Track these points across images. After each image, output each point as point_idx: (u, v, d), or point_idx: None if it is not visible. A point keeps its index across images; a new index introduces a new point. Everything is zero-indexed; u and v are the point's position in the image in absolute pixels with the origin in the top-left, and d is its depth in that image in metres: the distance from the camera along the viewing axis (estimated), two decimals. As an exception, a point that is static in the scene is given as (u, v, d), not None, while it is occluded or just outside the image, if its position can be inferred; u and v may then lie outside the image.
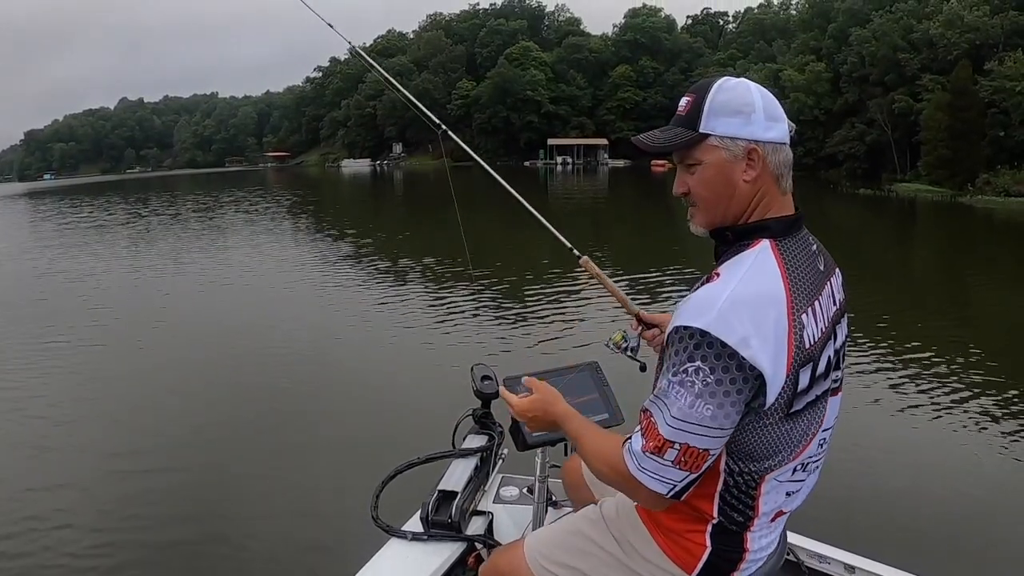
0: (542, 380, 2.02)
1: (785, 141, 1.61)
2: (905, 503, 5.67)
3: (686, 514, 1.69)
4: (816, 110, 58.62)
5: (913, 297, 14.47)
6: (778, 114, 1.60)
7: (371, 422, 7.44)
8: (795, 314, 1.50)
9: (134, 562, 5.09)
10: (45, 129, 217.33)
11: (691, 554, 1.70)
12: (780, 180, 1.62)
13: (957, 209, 35.50)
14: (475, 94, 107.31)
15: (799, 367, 1.51)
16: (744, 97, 1.59)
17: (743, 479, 1.62)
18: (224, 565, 5.07)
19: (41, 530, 5.48)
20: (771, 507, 1.68)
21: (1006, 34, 46.36)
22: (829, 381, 1.64)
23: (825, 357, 1.59)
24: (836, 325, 1.66)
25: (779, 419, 1.54)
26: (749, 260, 1.55)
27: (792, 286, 1.53)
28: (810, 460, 1.68)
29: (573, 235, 2.73)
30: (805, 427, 1.60)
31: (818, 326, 1.56)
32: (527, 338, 10.67)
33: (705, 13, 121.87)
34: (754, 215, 1.63)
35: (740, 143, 1.58)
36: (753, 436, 1.56)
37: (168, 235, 27.07)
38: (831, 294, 1.66)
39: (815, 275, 1.61)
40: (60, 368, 9.70)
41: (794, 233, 1.63)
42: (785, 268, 1.54)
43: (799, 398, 1.54)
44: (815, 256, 1.65)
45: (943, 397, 7.95)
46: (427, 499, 2.58)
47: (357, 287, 15.29)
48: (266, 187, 64.40)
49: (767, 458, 1.59)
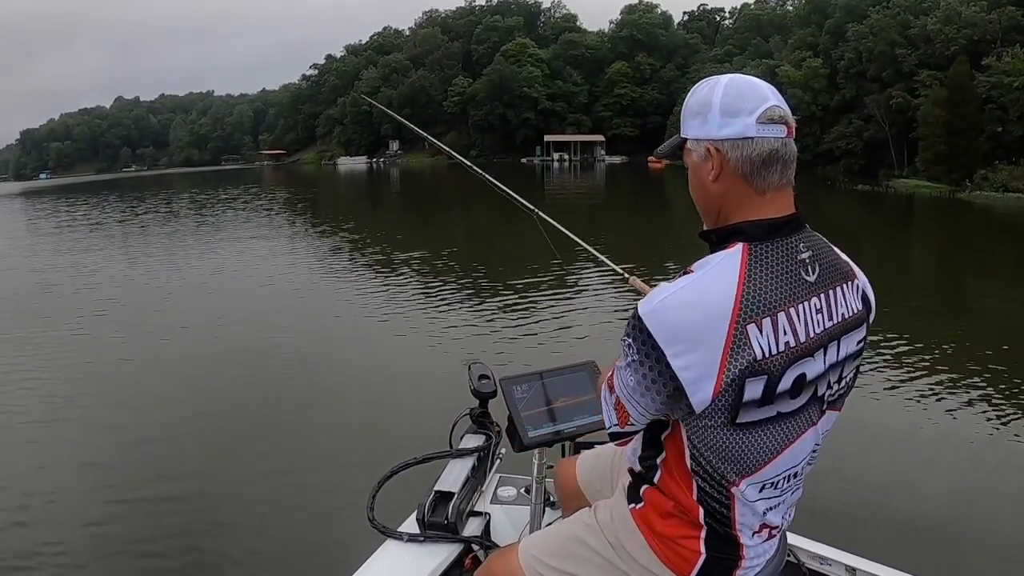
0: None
1: (747, 135, 1.52)
2: (906, 504, 5.65)
3: (680, 520, 1.67)
4: (813, 106, 58.56)
5: (914, 295, 14.48)
6: (738, 107, 1.53)
7: (368, 421, 7.43)
8: (740, 323, 1.44)
9: (131, 563, 5.06)
10: (41, 128, 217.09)
11: (686, 560, 1.68)
12: (750, 178, 1.54)
13: (956, 205, 35.52)
14: (471, 91, 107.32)
15: (745, 377, 1.45)
16: (703, 98, 1.57)
17: (711, 482, 1.60)
18: (220, 566, 5.05)
19: (31, 538, 5.46)
20: (750, 520, 1.65)
21: (1004, 30, 46.38)
22: (804, 401, 1.56)
23: (793, 376, 1.51)
24: (831, 343, 1.58)
25: (722, 425, 1.50)
26: (713, 263, 1.52)
27: (746, 294, 1.46)
28: (781, 478, 1.63)
29: (571, 230, 2.69)
30: (766, 443, 1.55)
31: (778, 340, 1.48)
32: (525, 336, 10.66)
33: (701, 9, 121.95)
34: (725, 216, 1.60)
35: (702, 143, 1.57)
36: (703, 433, 1.54)
37: (163, 233, 27.05)
38: (824, 308, 1.56)
39: (793, 285, 1.52)
40: (54, 368, 9.68)
41: (777, 238, 1.54)
42: (746, 275, 1.48)
43: (747, 409, 1.49)
44: (803, 265, 1.55)
45: (944, 396, 7.95)
46: (423, 500, 2.55)
47: (353, 285, 15.29)
48: (262, 185, 64.42)
49: (723, 463, 1.56)
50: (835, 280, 1.61)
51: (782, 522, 1.74)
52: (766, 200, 1.55)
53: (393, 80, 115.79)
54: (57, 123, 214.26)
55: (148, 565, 5.06)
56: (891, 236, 25.96)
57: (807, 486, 1.76)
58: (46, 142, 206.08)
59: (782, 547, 1.85)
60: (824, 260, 1.60)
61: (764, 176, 1.53)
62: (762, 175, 1.53)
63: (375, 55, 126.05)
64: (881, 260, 18.89)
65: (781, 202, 1.57)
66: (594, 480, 2.29)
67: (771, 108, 1.52)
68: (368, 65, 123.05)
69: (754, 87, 1.55)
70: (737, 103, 1.53)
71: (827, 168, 56.79)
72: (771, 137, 1.52)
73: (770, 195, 1.55)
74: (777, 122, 1.52)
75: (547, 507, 2.65)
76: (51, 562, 5.10)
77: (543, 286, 14.26)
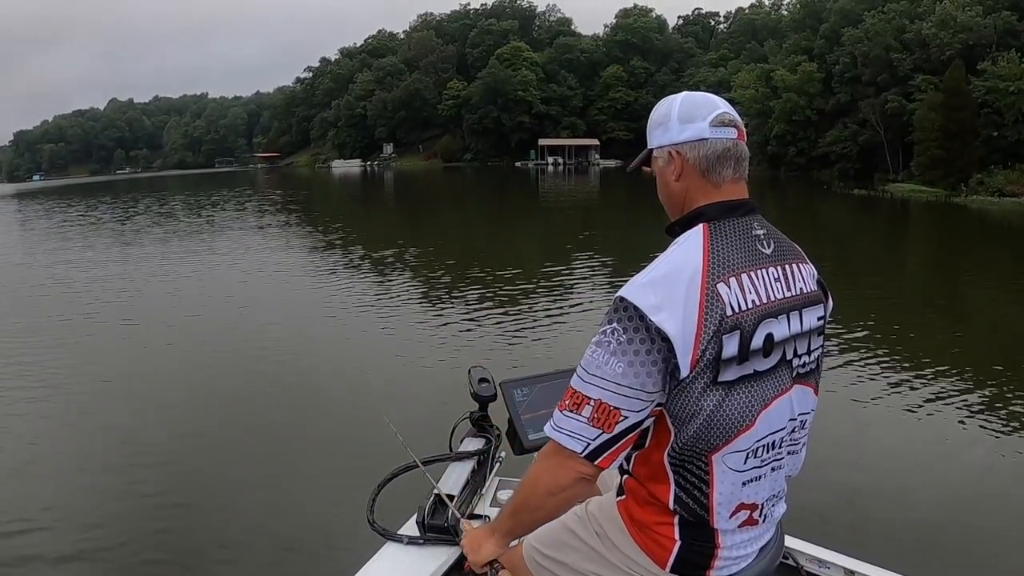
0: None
1: (702, 136, 1.74)
2: (905, 506, 5.64)
3: (656, 507, 1.75)
4: (808, 110, 58.64)
5: (911, 298, 14.53)
6: (693, 115, 1.76)
7: (368, 424, 7.39)
8: (709, 281, 1.61)
9: (128, 570, 5.06)
10: (34, 130, 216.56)
11: (663, 547, 1.75)
12: (707, 173, 1.75)
13: (953, 210, 35.57)
14: (466, 94, 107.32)
15: (721, 333, 1.60)
16: (664, 111, 1.81)
17: (690, 459, 1.68)
18: (219, 569, 5.04)
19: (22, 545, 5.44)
20: (728, 494, 1.71)
21: (999, 34, 46.41)
22: (775, 361, 1.70)
23: (763, 334, 1.66)
24: (792, 312, 1.73)
25: (707, 385, 1.62)
26: (679, 242, 1.72)
27: (712, 258, 1.65)
28: (761, 445, 1.71)
29: (566, 234, 2.70)
30: (745, 403, 1.66)
31: (745, 297, 1.64)
32: (525, 340, 10.65)
33: (696, 13, 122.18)
34: (688, 206, 1.79)
35: (665, 149, 1.80)
36: (685, 400, 1.63)
37: (157, 234, 26.99)
38: (782, 278, 1.74)
39: (751, 253, 1.71)
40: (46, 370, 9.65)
41: (734, 217, 1.74)
42: (709, 243, 1.67)
43: (727, 366, 1.62)
44: (759, 239, 1.74)
45: (943, 398, 7.94)
46: (423, 503, 2.55)
47: (352, 288, 15.26)
48: (256, 188, 64.33)
49: (706, 430, 1.64)
50: (789, 257, 1.79)
51: (764, 505, 1.79)
52: (722, 190, 1.76)
53: (387, 83, 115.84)
54: (51, 125, 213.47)
55: (147, 572, 5.05)
56: (887, 240, 26.01)
57: (806, 488, 1.77)
58: (39, 144, 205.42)
59: (777, 547, 1.89)
60: (778, 239, 1.79)
61: (719, 171, 1.75)
62: (717, 170, 1.75)
63: (369, 58, 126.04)
64: (878, 263, 18.98)
65: (735, 191, 1.77)
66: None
67: (722, 114, 1.75)
68: (362, 68, 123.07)
69: (707, 98, 1.80)
70: (692, 111, 1.77)
71: (822, 172, 56.84)
72: (723, 138, 1.75)
73: (725, 186, 1.76)
74: (728, 125, 1.75)
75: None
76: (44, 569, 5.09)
77: (542, 289, 14.27)
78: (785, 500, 1.88)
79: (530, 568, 2.02)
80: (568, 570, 1.93)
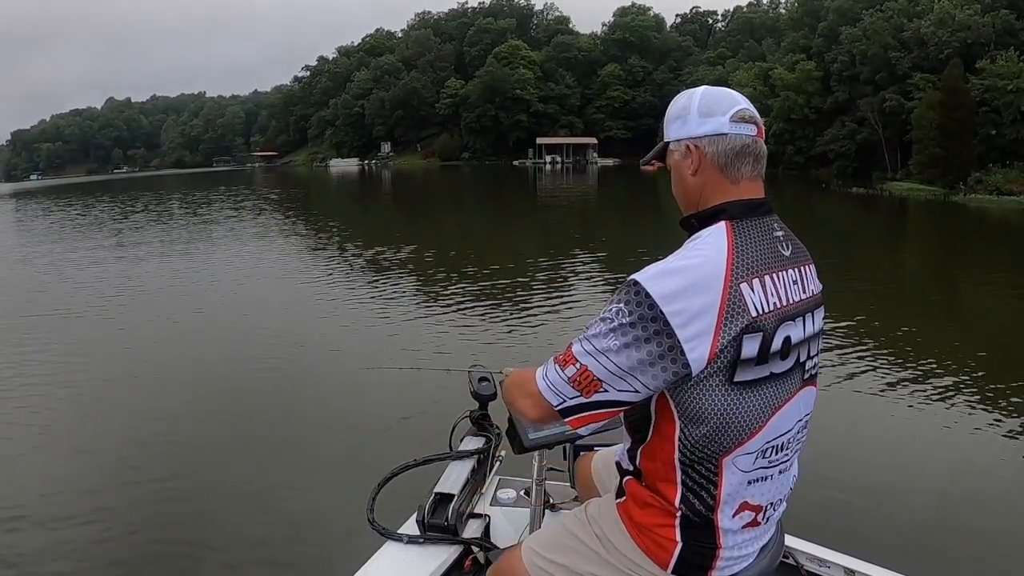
0: None
1: (722, 131, 1.73)
2: (906, 505, 5.63)
3: (657, 509, 1.74)
4: (806, 109, 58.76)
5: (910, 297, 14.52)
6: (713, 109, 1.74)
7: (367, 424, 7.39)
8: (733, 280, 1.60)
9: (128, 568, 5.05)
10: (32, 129, 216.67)
11: (664, 549, 1.74)
12: (725, 169, 1.74)
13: (951, 208, 35.58)
14: (464, 93, 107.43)
15: (742, 333, 1.58)
16: (683, 103, 1.80)
17: (699, 455, 1.67)
18: (219, 568, 5.03)
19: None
20: (734, 494, 1.71)
21: (997, 33, 46.47)
22: (792, 364, 1.70)
23: (782, 336, 1.65)
24: (807, 314, 1.74)
25: (722, 384, 1.60)
26: (702, 236, 1.69)
27: (736, 257, 1.63)
28: (770, 447, 1.71)
29: (564, 233, 2.69)
30: (760, 405, 1.66)
31: (768, 299, 1.64)
32: (525, 339, 10.63)
33: (694, 12, 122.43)
34: (704, 202, 1.76)
35: (683, 143, 1.78)
36: (699, 399, 1.62)
37: (154, 234, 26.96)
38: (799, 281, 1.75)
39: (773, 255, 1.70)
40: (42, 369, 9.64)
41: (755, 217, 1.73)
42: (733, 242, 1.65)
43: (745, 367, 1.61)
44: (778, 240, 1.74)
45: (943, 396, 7.93)
46: (423, 502, 2.56)
47: (351, 287, 15.23)
48: (253, 186, 64.28)
49: (719, 431, 1.64)
50: (803, 259, 1.81)
51: (768, 508, 1.79)
52: (740, 187, 1.74)
53: (385, 82, 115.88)
54: (48, 124, 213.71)
55: (147, 571, 5.03)
56: (885, 238, 26.02)
57: (806, 488, 1.77)
58: (37, 143, 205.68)
59: (777, 547, 1.88)
60: (794, 241, 1.80)
61: (738, 167, 1.74)
62: (736, 166, 1.73)
63: (367, 57, 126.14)
64: (876, 262, 18.98)
65: (753, 189, 1.76)
66: (604, 475, 2.35)
67: (742, 110, 1.74)
68: (360, 67, 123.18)
69: (727, 93, 1.79)
70: (712, 105, 1.76)
71: (820, 171, 56.94)
72: (743, 134, 1.73)
73: (743, 183, 1.75)
74: (748, 121, 1.74)
75: (547, 509, 2.66)
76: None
77: (542, 287, 14.27)
78: (785, 499, 1.88)
79: (530, 571, 2.01)
80: (568, 572, 1.93)
